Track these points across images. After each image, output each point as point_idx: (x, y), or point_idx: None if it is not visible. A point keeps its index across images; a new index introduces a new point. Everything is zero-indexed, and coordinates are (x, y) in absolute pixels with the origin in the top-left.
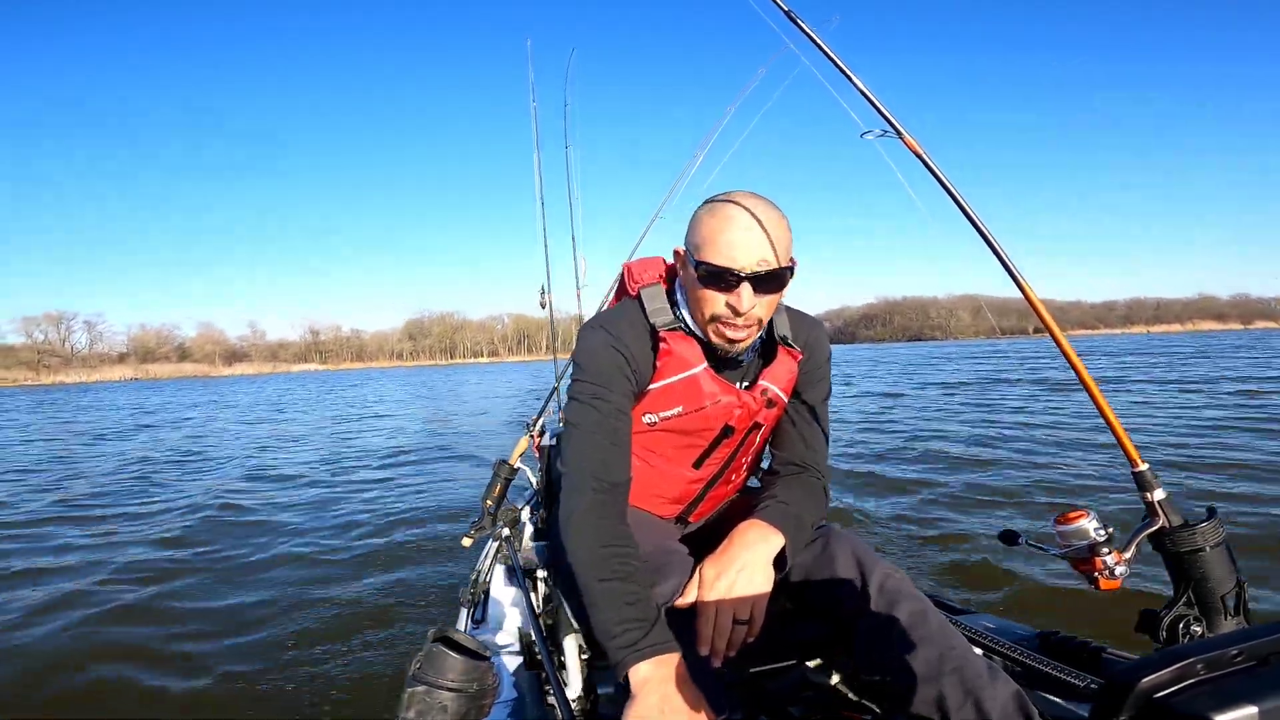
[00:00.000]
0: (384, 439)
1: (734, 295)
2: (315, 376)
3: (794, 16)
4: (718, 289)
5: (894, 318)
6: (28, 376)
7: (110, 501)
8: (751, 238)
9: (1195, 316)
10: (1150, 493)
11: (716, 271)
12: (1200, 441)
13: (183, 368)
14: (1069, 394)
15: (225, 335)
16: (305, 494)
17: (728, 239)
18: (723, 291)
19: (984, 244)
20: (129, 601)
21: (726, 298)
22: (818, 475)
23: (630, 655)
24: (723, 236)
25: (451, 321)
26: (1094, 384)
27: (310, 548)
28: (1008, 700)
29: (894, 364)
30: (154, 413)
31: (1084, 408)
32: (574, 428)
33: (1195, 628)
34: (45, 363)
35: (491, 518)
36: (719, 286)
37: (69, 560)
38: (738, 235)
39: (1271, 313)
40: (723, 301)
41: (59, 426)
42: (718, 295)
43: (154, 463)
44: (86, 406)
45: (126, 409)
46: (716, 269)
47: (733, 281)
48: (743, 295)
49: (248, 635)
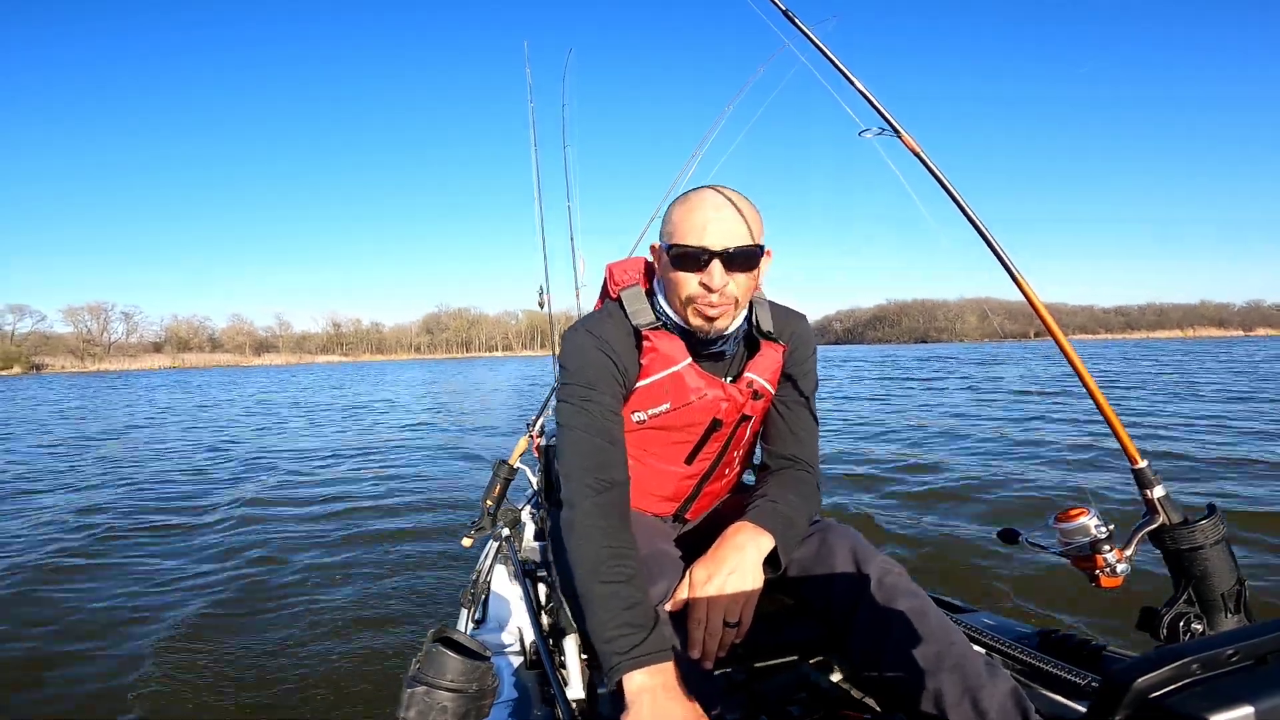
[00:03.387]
0: (391, 431)
1: (706, 274)
2: (336, 368)
3: (792, 15)
4: (690, 269)
5: (902, 320)
6: (73, 364)
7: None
8: (721, 215)
9: (1196, 323)
10: (1150, 490)
11: (688, 252)
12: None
13: (216, 358)
14: (1068, 393)
15: (254, 327)
16: (304, 494)
17: (698, 220)
18: (695, 271)
19: (984, 244)
20: (128, 601)
21: (699, 277)
22: (808, 469)
23: (625, 662)
24: (692, 219)
25: (467, 316)
26: (1094, 383)
27: (310, 548)
28: (1005, 697)
29: (878, 363)
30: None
31: (1083, 407)
32: (567, 430)
33: (1196, 625)
34: (90, 351)
35: (491, 518)
36: (691, 266)
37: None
38: (707, 215)
39: (1278, 320)
40: (695, 281)
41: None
42: (690, 276)
43: (152, 459)
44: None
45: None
46: (688, 249)
47: (704, 260)
48: (714, 272)
49: (247, 635)
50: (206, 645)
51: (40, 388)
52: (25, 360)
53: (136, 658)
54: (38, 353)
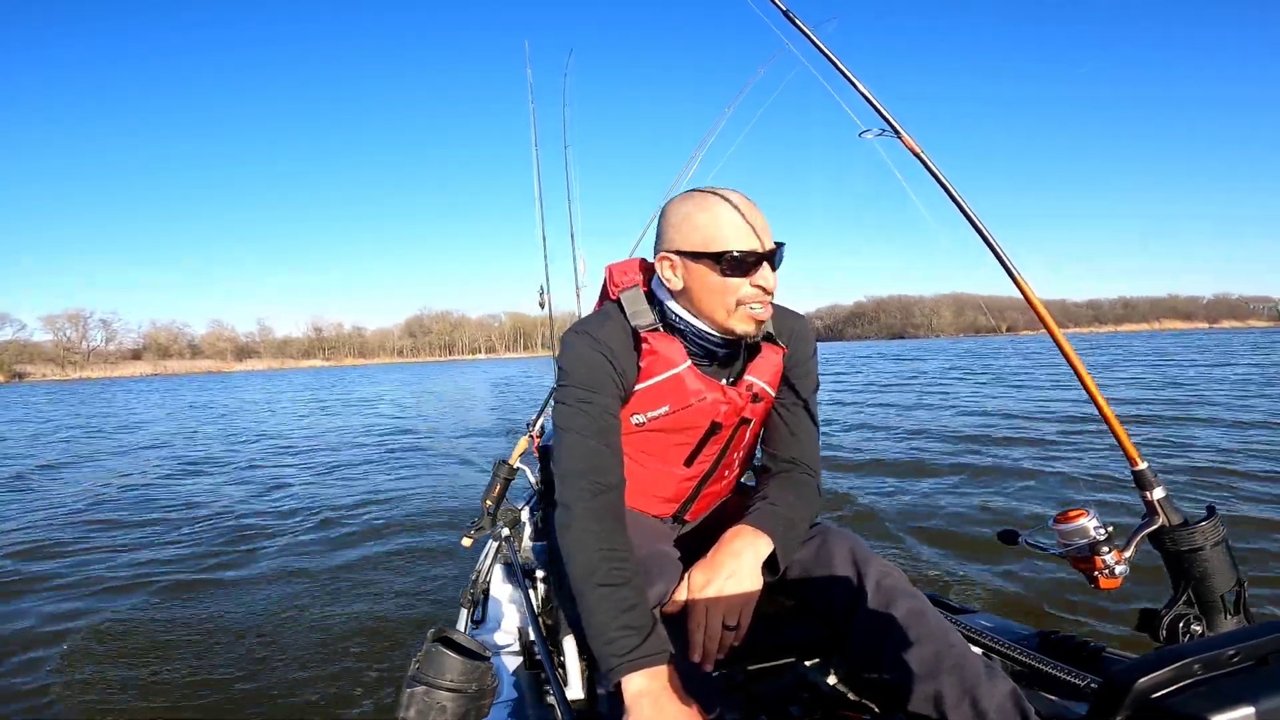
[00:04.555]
0: (378, 434)
1: (760, 275)
2: (316, 373)
3: (792, 16)
4: (742, 275)
5: (880, 316)
6: (54, 372)
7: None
8: (758, 219)
9: (1164, 315)
10: (1150, 491)
11: (742, 258)
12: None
13: (197, 364)
14: (1068, 393)
15: (235, 332)
16: (303, 492)
17: (740, 225)
18: (747, 275)
19: (983, 244)
20: (129, 601)
21: (752, 280)
22: (809, 471)
23: (624, 665)
24: (732, 222)
25: (450, 319)
26: (1093, 382)
27: (310, 548)
28: (1005, 698)
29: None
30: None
31: (1082, 406)
32: (565, 432)
33: (1195, 627)
34: (70, 359)
35: (491, 518)
36: (744, 272)
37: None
38: (746, 219)
39: (1243, 313)
40: (747, 284)
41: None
42: (741, 280)
43: (146, 468)
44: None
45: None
46: (741, 255)
47: (754, 263)
48: (766, 273)
49: (247, 635)
50: (205, 646)
51: (36, 398)
52: (7, 368)
53: (136, 657)
54: (18, 361)
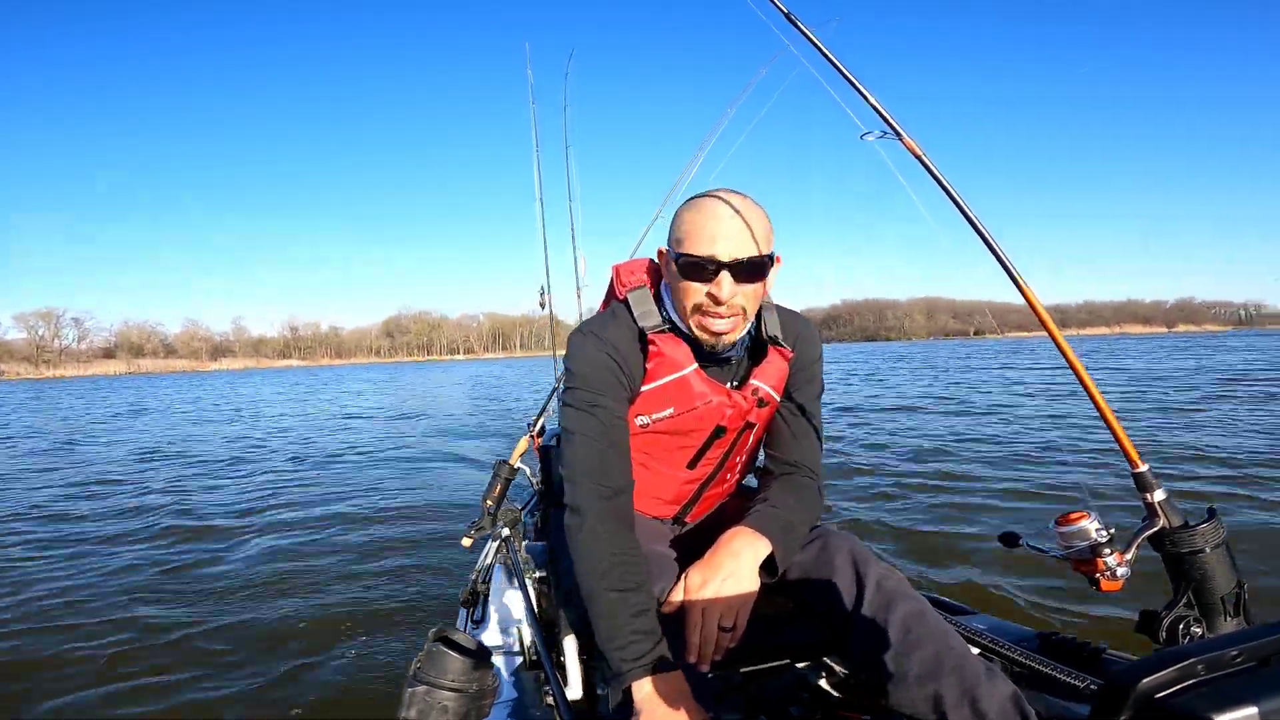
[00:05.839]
0: (368, 435)
1: (714, 284)
2: (293, 373)
3: (793, 18)
4: (698, 279)
5: (855, 319)
6: (27, 371)
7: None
8: (731, 226)
9: (1125, 320)
10: (1150, 494)
11: (696, 262)
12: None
13: (171, 363)
14: (1067, 394)
15: (209, 331)
16: (301, 492)
17: (708, 230)
18: (703, 281)
19: (983, 245)
20: (129, 601)
21: (707, 287)
22: (811, 474)
23: (636, 669)
24: (702, 228)
25: (429, 320)
26: (1094, 385)
27: (309, 548)
28: (1005, 699)
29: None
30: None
31: (1083, 409)
32: (573, 435)
33: (1195, 629)
34: (43, 358)
35: (491, 518)
36: (700, 277)
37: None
38: (717, 225)
39: (1201, 317)
40: (703, 291)
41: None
42: (698, 286)
43: (136, 461)
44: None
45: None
46: (696, 259)
47: (713, 270)
48: (723, 283)
49: (246, 635)
50: (205, 645)
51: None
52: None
53: (134, 656)
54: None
